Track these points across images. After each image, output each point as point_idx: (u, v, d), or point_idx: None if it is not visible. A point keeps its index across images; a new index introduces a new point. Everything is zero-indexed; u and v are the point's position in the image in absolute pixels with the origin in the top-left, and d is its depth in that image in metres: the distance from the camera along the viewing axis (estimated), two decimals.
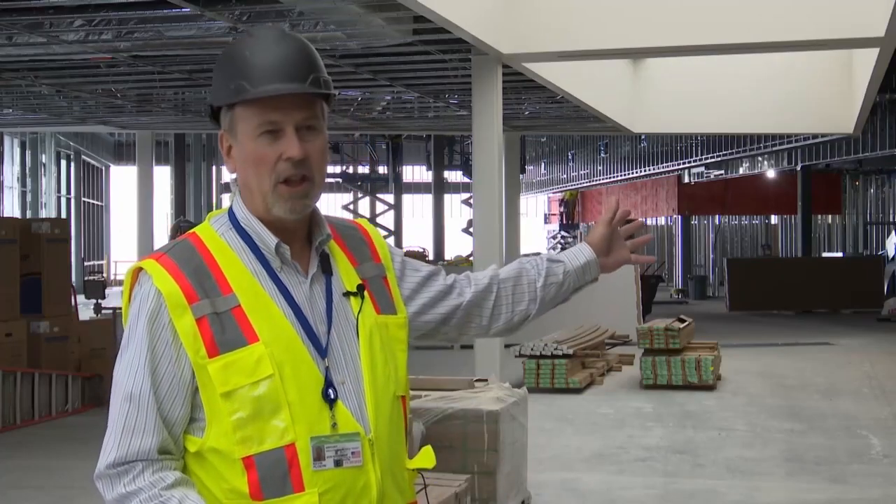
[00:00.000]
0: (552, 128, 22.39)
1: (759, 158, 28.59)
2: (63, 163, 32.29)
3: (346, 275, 2.00)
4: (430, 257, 27.45)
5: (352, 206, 36.27)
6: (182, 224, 23.50)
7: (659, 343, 12.00)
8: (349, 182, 35.47)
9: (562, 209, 39.68)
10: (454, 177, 36.17)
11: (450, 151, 31.99)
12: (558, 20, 10.22)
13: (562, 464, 8.34)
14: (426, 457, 2.04)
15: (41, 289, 10.75)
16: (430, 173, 32.16)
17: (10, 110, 16.93)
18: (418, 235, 36.41)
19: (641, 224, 2.52)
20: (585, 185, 36.20)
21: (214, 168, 38.51)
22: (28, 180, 29.71)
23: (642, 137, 27.03)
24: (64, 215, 31.11)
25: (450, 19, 8.70)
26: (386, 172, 34.03)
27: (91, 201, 35.19)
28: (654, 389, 11.86)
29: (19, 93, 14.86)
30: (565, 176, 37.41)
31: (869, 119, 17.39)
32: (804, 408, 10.88)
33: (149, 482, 1.84)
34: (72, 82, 13.94)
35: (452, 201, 36.55)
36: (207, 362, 1.85)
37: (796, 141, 21.23)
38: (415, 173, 40.90)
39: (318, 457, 1.84)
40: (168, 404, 1.86)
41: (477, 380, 7.00)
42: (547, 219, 44.15)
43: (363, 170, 36.42)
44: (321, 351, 1.90)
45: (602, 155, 32.30)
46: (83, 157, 33.43)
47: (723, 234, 35.60)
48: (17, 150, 29.21)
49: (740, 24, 9.94)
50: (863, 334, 18.54)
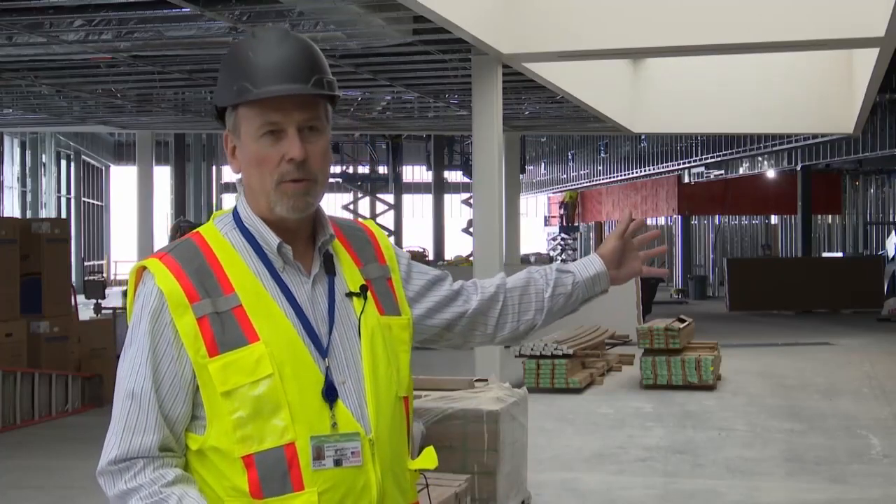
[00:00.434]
0: (552, 128, 22.39)
1: (759, 158, 28.60)
2: (63, 163, 32.29)
3: (350, 275, 2.00)
4: (430, 257, 27.45)
5: (352, 206, 36.26)
6: (182, 224, 23.50)
7: (659, 343, 12.00)
8: (349, 182, 35.47)
9: (562, 211, 39.66)
10: (454, 177, 36.17)
11: (450, 151, 31.99)
12: (558, 20, 10.22)
13: (562, 464, 8.34)
14: (428, 458, 2.04)
15: (41, 289, 10.75)
16: (430, 173, 32.16)
17: (10, 110, 16.93)
18: (418, 235, 36.43)
19: (657, 234, 2.50)
20: (585, 185, 36.19)
21: (214, 168, 38.52)
22: (28, 180, 29.72)
23: (642, 137, 27.03)
24: (64, 215, 31.11)
25: (450, 19, 8.71)
26: (386, 172, 34.02)
27: (91, 201, 35.19)
28: (654, 389, 11.87)
29: (19, 93, 14.85)
30: (565, 176, 37.40)
31: (869, 119, 17.39)
32: (804, 408, 10.88)
33: (149, 479, 1.85)
34: (72, 82, 13.94)
35: (452, 201, 36.56)
36: (208, 361, 1.85)
37: (796, 141, 21.23)
38: (415, 173, 40.91)
39: (318, 456, 1.85)
40: (169, 402, 1.87)
41: (477, 380, 7.00)
42: (547, 221, 44.11)
43: (363, 170, 36.41)
44: (322, 351, 1.90)
45: (602, 155, 32.30)
46: (83, 157, 33.44)
47: (723, 234, 35.60)
48: (17, 150, 29.22)
49: (740, 24, 9.94)
50: (863, 334, 18.54)
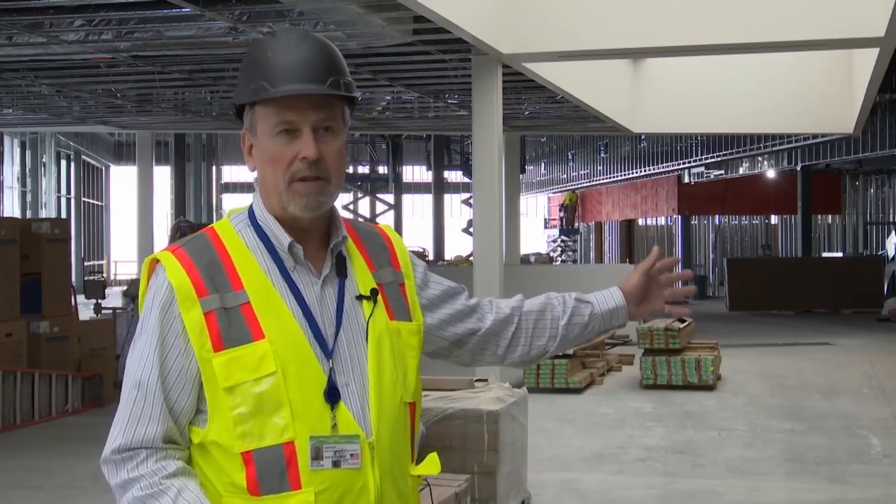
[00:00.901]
0: (552, 128, 22.40)
1: (759, 158, 28.59)
2: (63, 163, 32.29)
3: (362, 278, 2.00)
4: (430, 257, 27.45)
5: (352, 206, 36.26)
6: (182, 224, 23.52)
7: (659, 343, 12.00)
8: (349, 182, 35.45)
9: (562, 214, 39.61)
10: (454, 177, 36.17)
11: (449, 151, 31.99)
12: (558, 20, 10.23)
13: (562, 464, 8.34)
14: (431, 463, 2.03)
15: (41, 289, 10.74)
16: (430, 173, 32.16)
17: (10, 110, 16.94)
18: (418, 235, 36.40)
19: (689, 275, 2.49)
20: (585, 185, 36.18)
21: (214, 168, 38.51)
22: (28, 180, 29.72)
23: (642, 137, 27.03)
24: (64, 215, 31.10)
25: (450, 19, 8.71)
26: (386, 172, 34.03)
27: (91, 201, 35.19)
28: (654, 389, 11.87)
29: (19, 93, 14.86)
30: (565, 176, 37.39)
31: (869, 119, 17.39)
32: (804, 408, 10.88)
33: (151, 469, 1.87)
34: (72, 82, 13.95)
35: (452, 201, 36.56)
36: (212, 356, 1.87)
37: (796, 141, 21.23)
38: (415, 173, 40.90)
39: (317, 456, 1.85)
40: (175, 394, 1.89)
41: (477, 380, 7.00)
42: (547, 223, 44.02)
43: (363, 170, 36.42)
44: (326, 352, 1.91)
45: (602, 155, 32.30)
46: (83, 157, 33.43)
47: (723, 234, 35.60)
48: (17, 150, 29.21)
49: (740, 24, 9.94)
50: (863, 334, 18.54)
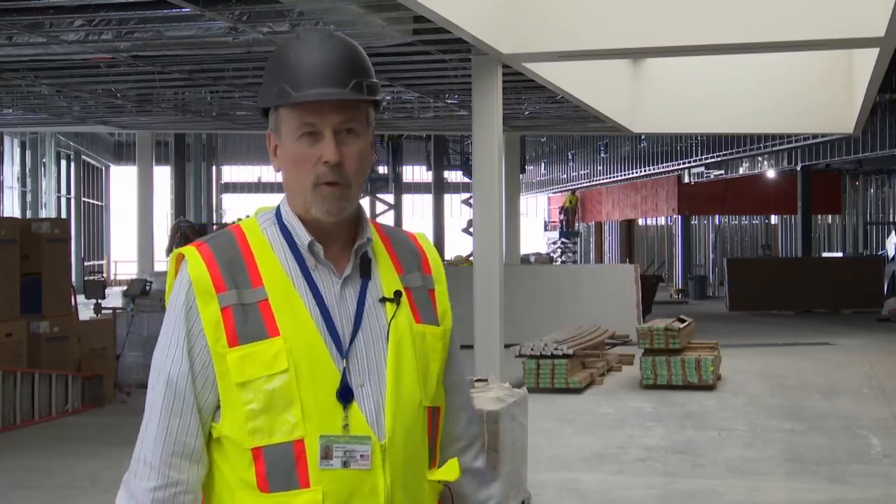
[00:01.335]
0: (552, 128, 22.40)
1: (759, 158, 28.60)
2: (63, 163, 32.27)
3: (387, 281, 1.99)
4: None
5: None
6: (182, 224, 23.58)
7: (659, 343, 12.00)
8: None
9: (562, 216, 39.59)
10: (454, 177, 36.16)
11: (449, 151, 31.98)
12: (558, 20, 10.22)
13: (562, 464, 8.34)
14: (450, 469, 2.01)
15: (41, 289, 10.74)
16: (430, 173, 32.15)
17: (10, 110, 16.94)
18: None
19: None
20: (585, 185, 36.19)
21: (214, 168, 38.50)
22: (28, 180, 29.71)
23: (642, 137, 27.04)
24: (64, 215, 31.08)
25: (450, 19, 8.70)
26: (386, 172, 34.01)
27: (91, 201, 35.18)
28: (654, 389, 11.87)
29: (19, 93, 14.86)
30: (565, 176, 37.40)
31: (869, 119, 17.39)
32: (804, 408, 10.88)
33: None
34: (72, 82, 13.94)
35: (452, 201, 36.54)
36: (227, 351, 1.88)
37: (796, 141, 21.23)
38: (415, 173, 40.91)
39: (326, 455, 1.85)
40: (199, 386, 1.91)
41: (477, 380, 7.00)
42: (547, 226, 43.97)
43: None
44: (342, 352, 1.90)
45: (602, 155, 32.30)
46: (83, 157, 33.42)
47: (723, 234, 35.60)
48: (17, 150, 29.20)
49: (740, 24, 9.94)
50: (863, 334, 18.54)
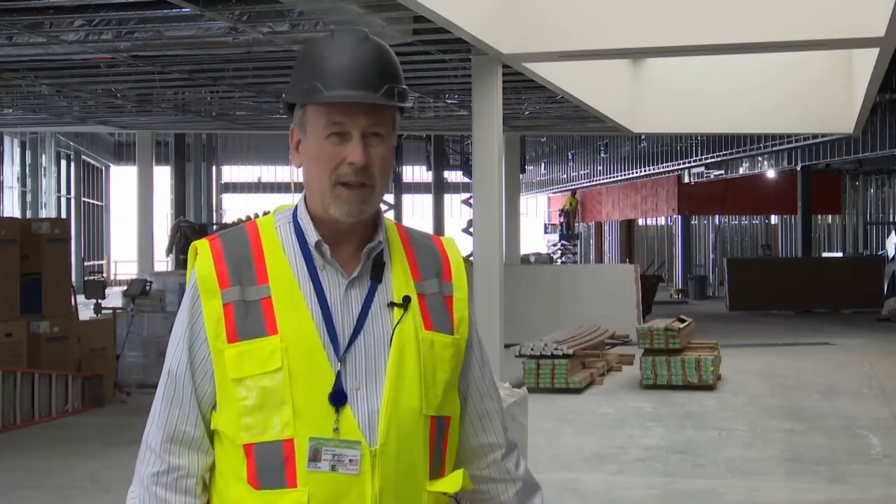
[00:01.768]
0: (552, 128, 22.40)
1: (759, 158, 28.60)
2: (63, 163, 32.26)
3: (398, 285, 1.97)
4: None
5: None
6: (182, 224, 23.59)
7: (659, 343, 12.00)
8: None
9: (562, 219, 39.56)
10: (454, 177, 36.16)
11: (449, 151, 31.98)
12: (558, 20, 10.22)
13: (562, 464, 8.34)
14: (452, 481, 1.98)
15: (41, 289, 10.74)
16: (430, 173, 32.16)
17: (10, 110, 16.94)
18: None
19: None
20: (585, 185, 36.19)
21: (214, 168, 38.49)
22: (28, 180, 29.69)
23: (642, 137, 27.03)
24: (64, 215, 31.07)
25: (450, 19, 8.71)
26: None
27: (91, 201, 35.17)
28: (654, 389, 11.86)
29: (19, 93, 14.86)
30: (565, 176, 37.39)
31: (869, 119, 17.39)
32: (804, 408, 10.88)
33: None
34: (72, 82, 13.95)
35: (452, 201, 36.54)
36: (226, 347, 1.89)
37: (796, 141, 21.23)
38: (415, 173, 40.91)
39: (314, 458, 1.85)
40: (199, 379, 1.93)
41: None
42: (547, 228, 43.90)
43: None
44: (339, 354, 1.89)
45: (602, 155, 32.29)
46: (83, 157, 33.41)
47: (723, 234, 35.60)
48: (17, 150, 29.19)
49: (740, 24, 9.94)
50: (863, 334, 18.54)
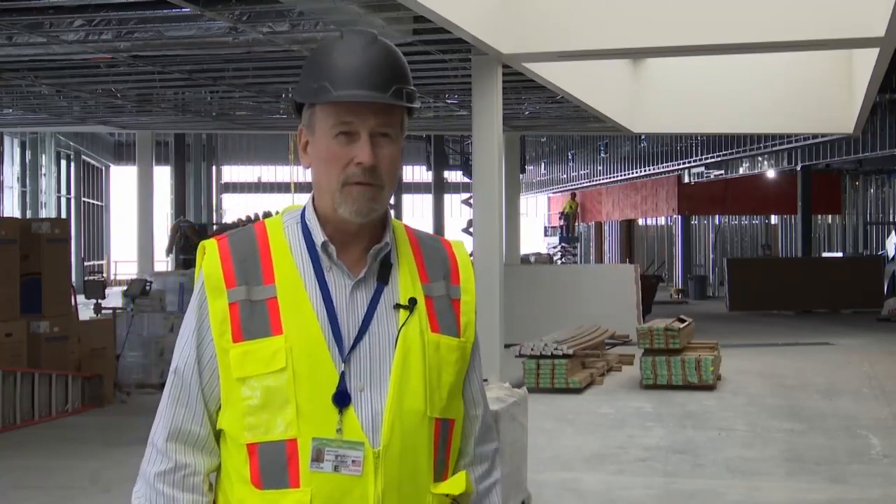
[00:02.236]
0: (552, 128, 22.40)
1: (759, 158, 28.60)
2: (63, 163, 32.26)
3: (406, 288, 1.97)
4: None
5: None
6: (182, 224, 23.60)
7: (659, 343, 12.00)
8: None
9: (562, 222, 39.54)
10: (454, 177, 36.17)
11: (449, 151, 31.99)
12: (558, 20, 10.23)
13: (562, 464, 8.34)
14: (455, 483, 1.98)
15: (41, 289, 10.74)
16: (430, 173, 32.17)
17: (10, 110, 16.94)
18: None
19: None
20: (585, 185, 36.19)
21: (214, 168, 38.50)
22: (28, 180, 29.70)
23: (642, 137, 27.04)
24: (64, 215, 31.07)
25: (450, 19, 8.71)
26: None
27: (91, 201, 35.17)
28: (654, 389, 11.86)
29: (19, 93, 14.86)
30: (565, 176, 37.39)
31: (869, 119, 17.39)
32: (804, 408, 10.88)
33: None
34: (72, 82, 13.95)
35: (452, 201, 36.54)
36: (230, 346, 1.90)
37: (796, 141, 21.23)
38: (415, 173, 40.93)
39: (317, 458, 1.85)
40: (206, 377, 1.93)
41: None
42: (547, 231, 43.85)
43: None
44: (343, 355, 1.89)
45: (602, 155, 32.30)
46: (83, 157, 33.41)
47: (723, 234, 35.60)
48: (17, 150, 29.20)
49: (740, 24, 9.94)
50: (863, 334, 18.54)
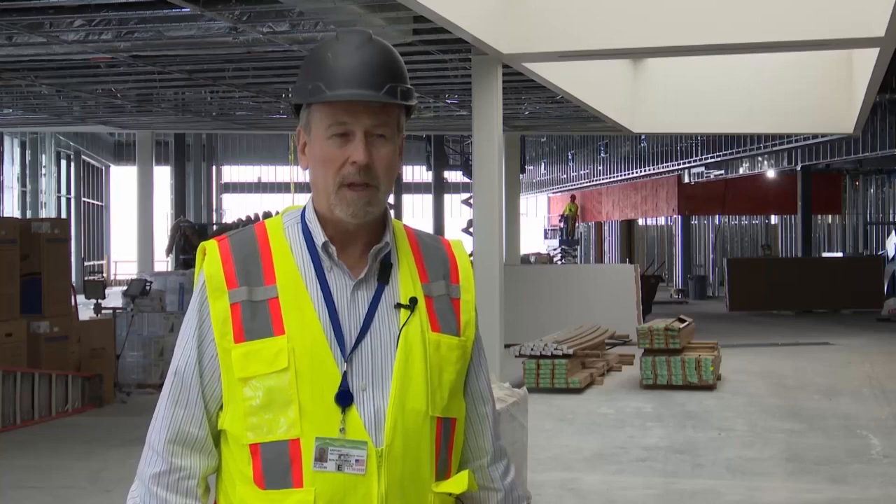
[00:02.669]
0: (552, 128, 22.40)
1: (759, 158, 28.59)
2: (63, 163, 32.27)
3: (406, 287, 1.98)
4: None
5: None
6: (182, 224, 23.60)
7: (659, 343, 12.00)
8: None
9: (561, 224, 39.53)
10: (454, 177, 36.15)
11: (449, 151, 31.97)
12: (558, 20, 10.22)
13: (562, 464, 8.34)
14: (457, 482, 1.98)
15: (41, 289, 10.74)
16: (430, 173, 32.16)
17: (10, 110, 16.94)
18: None
19: None
20: (585, 185, 36.19)
21: (214, 168, 38.50)
22: (28, 180, 29.70)
23: (642, 137, 27.04)
24: (64, 215, 31.08)
25: (450, 19, 8.71)
26: None
27: (91, 201, 35.17)
28: (654, 389, 11.86)
29: (19, 93, 14.86)
30: (565, 176, 37.39)
31: (869, 119, 17.39)
32: (804, 408, 10.88)
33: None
34: (72, 82, 13.95)
35: (452, 201, 36.53)
36: (233, 347, 1.90)
37: (796, 141, 21.23)
38: (415, 173, 40.92)
39: (321, 458, 1.85)
40: (207, 378, 1.94)
41: None
42: (547, 234, 43.80)
43: None
44: (345, 355, 1.90)
45: (602, 155, 32.29)
46: (83, 157, 33.42)
47: (723, 234, 35.60)
48: (17, 150, 29.20)
49: (740, 24, 9.94)
50: (863, 334, 18.54)
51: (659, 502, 7.27)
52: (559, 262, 34.59)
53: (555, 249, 38.26)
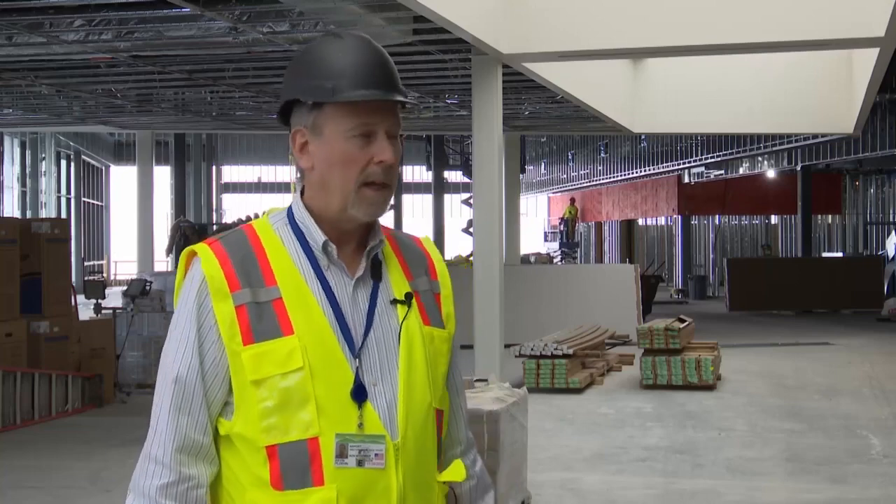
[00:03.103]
0: (552, 128, 22.40)
1: (759, 158, 28.59)
2: (63, 163, 32.26)
3: (397, 284, 2.01)
4: None
5: None
6: (182, 224, 23.61)
7: (659, 343, 12.00)
8: None
9: (561, 227, 39.51)
10: (454, 177, 36.14)
11: (449, 151, 31.95)
12: (558, 20, 10.22)
13: (562, 464, 8.34)
14: (456, 470, 2.03)
15: (41, 289, 10.74)
16: (430, 173, 32.15)
17: (10, 110, 16.94)
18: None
19: None
20: (585, 185, 36.19)
21: (214, 168, 38.49)
22: (28, 180, 29.70)
23: (642, 137, 27.03)
24: (64, 215, 31.07)
25: (450, 19, 8.71)
26: None
27: (91, 201, 35.17)
28: (654, 389, 11.86)
29: (19, 93, 14.86)
30: (565, 176, 37.39)
31: (869, 119, 17.38)
32: (804, 408, 10.88)
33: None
34: (72, 82, 13.95)
35: (452, 201, 36.52)
36: (242, 349, 1.88)
37: (796, 141, 21.23)
38: (415, 173, 40.91)
39: (341, 454, 1.86)
40: (209, 383, 1.91)
41: (477, 380, 6.99)
42: (547, 236, 43.77)
43: None
44: (354, 351, 1.91)
45: (602, 155, 32.29)
46: (83, 157, 33.41)
47: (723, 234, 35.60)
48: (17, 150, 29.19)
49: (740, 24, 9.94)
50: (863, 334, 18.53)
51: (659, 502, 7.27)
52: (559, 263, 34.60)
53: (555, 251, 38.28)
